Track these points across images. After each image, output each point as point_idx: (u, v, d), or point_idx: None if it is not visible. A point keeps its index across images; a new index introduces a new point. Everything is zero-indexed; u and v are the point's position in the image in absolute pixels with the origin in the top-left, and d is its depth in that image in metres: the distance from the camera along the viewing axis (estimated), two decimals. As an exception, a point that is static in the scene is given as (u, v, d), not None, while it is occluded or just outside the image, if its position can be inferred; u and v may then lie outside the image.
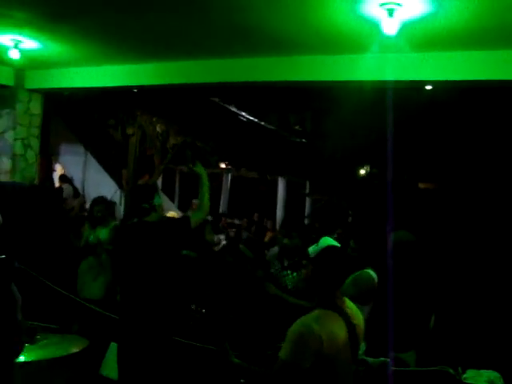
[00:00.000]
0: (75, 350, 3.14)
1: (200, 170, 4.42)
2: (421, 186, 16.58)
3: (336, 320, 2.62)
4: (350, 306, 2.79)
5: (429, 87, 6.46)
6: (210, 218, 9.95)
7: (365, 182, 16.44)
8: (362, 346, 3.38)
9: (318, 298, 2.70)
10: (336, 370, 2.56)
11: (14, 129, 8.06)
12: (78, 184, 11.75)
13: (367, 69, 5.74)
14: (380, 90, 7.05)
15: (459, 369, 3.71)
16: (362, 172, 17.20)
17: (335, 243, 2.79)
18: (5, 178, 7.98)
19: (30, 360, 2.75)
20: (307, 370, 2.47)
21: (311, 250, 2.79)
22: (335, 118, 11.38)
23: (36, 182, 8.56)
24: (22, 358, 2.61)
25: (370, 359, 2.85)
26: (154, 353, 4.07)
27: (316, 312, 2.63)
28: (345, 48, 5.67)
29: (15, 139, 8.07)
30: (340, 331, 2.59)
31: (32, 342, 2.91)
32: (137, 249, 4.19)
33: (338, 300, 2.71)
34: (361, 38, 5.28)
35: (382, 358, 2.78)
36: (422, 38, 5.09)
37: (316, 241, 2.81)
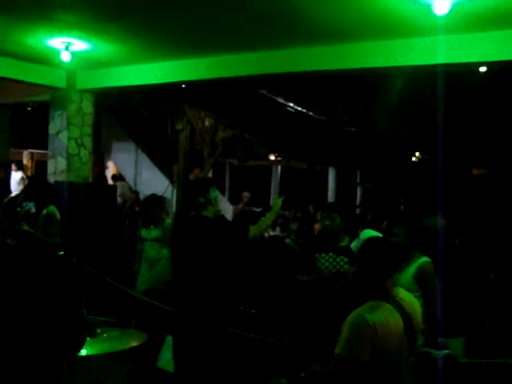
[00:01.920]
0: (134, 344, 3.18)
1: (277, 202, 4.47)
2: (475, 172, 16.15)
3: (389, 310, 2.57)
4: (404, 295, 2.73)
5: (483, 69, 6.25)
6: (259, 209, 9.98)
7: (417, 169, 16.13)
8: (421, 339, 3.32)
9: (369, 290, 2.66)
10: (392, 360, 2.51)
11: (67, 129, 8.27)
12: (130, 181, 11.97)
13: (418, 53, 5.59)
14: (431, 75, 6.87)
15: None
16: (414, 159, 16.86)
17: (377, 234, 2.75)
18: (60, 178, 8.20)
19: (90, 354, 2.81)
20: (365, 364, 2.43)
21: (353, 245, 2.76)
22: (384, 106, 11.19)
23: (90, 180, 8.77)
24: (83, 352, 2.69)
25: (434, 351, 2.78)
26: (209, 345, 4.10)
27: (368, 304, 2.59)
28: (395, 33, 5.53)
29: (69, 139, 8.28)
30: (394, 321, 2.54)
31: (92, 336, 2.97)
32: (194, 243, 4.23)
33: (390, 290, 2.67)
34: (411, 21, 5.13)
35: (447, 351, 2.71)
36: (475, 17, 4.90)
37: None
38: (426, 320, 3.32)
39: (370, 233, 2.76)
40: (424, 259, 3.93)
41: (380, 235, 2.77)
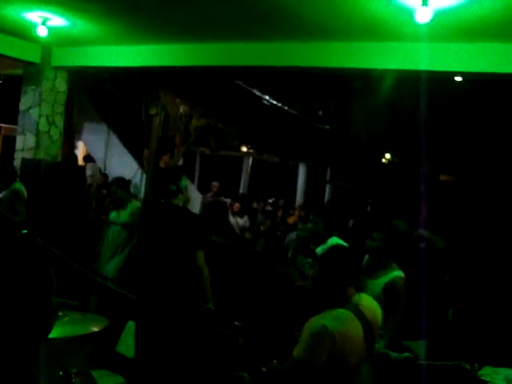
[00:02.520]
0: (96, 329, 3.16)
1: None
2: (442, 177, 16.44)
3: (350, 319, 2.62)
4: (366, 301, 2.78)
5: (458, 78, 6.36)
6: (228, 200, 9.98)
7: (386, 171, 16.34)
8: (381, 342, 3.38)
9: (329, 296, 2.70)
10: (348, 367, 2.57)
11: (39, 105, 8.11)
12: (99, 163, 11.82)
13: (400, 57, 5.66)
14: (405, 79, 6.95)
15: (476, 365, 3.68)
16: (384, 160, 17.07)
17: (342, 242, 2.81)
18: (29, 155, 8.05)
19: (53, 337, 2.78)
20: (320, 368, 2.48)
21: (319, 249, 2.82)
22: (359, 105, 11.28)
23: (59, 159, 8.63)
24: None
25: (393, 354, 2.84)
26: (171, 334, 4.11)
27: (330, 311, 2.63)
28: (377, 35, 5.58)
29: (40, 116, 8.13)
30: (354, 329, 2.60)
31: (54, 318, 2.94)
32: (163, 230, 4.22)
33: (352, 297, 2.71)
34: (394, 26, 5.19)
35: (407, 354, 2.77)
36: (455, 27, 4.99)
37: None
38: (385, 328, 3.39)
39: (335, 240, 2.83)
40: (397, 273, 3.94)
41: (346, 244, 2.84)
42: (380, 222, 4.65)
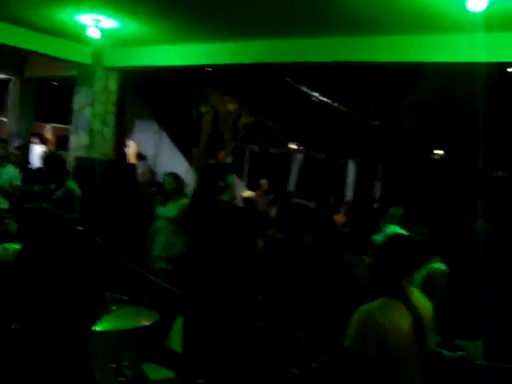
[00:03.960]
0: (146, 322, 3.22)
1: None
2: (495, 174, 15.96)
3: (400, 309, 2.57)
4: (418, 295, 2.72)
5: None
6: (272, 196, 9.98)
7: (439, 167, 15.99)
8: (436, 339, 3.30)
9: (382, 286, 2.65)
10: (398, 359, 2.51)
11: (91, 105, 8.32)
12: (150, 161, 12.01)
13: (454, 49, 5.50)
14: (459, 72, 6.76)
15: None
16: (437, 157, 16.72)
17: (402, 231, 2.73)
18: (81, 153, 8.27)
19: (105, 329, 2.84)
20: (370, 358, 2.44)
21: (377, 238, 2.74)
22: (411, 101, 11.06)
23: (111, 157, 8.82)
24: (98, 327, 2.73)
25: (446, 352, 2.77)
26: (219, 329, 4.13)
27: (380, 300, 2.59)
28: (429, 28, 5.44)
29: (93, 115, 8.33)
30: (403, 320, 2.55)
31: (107, 312, 3.00)
32: (211, 226, 4.25)
33: (404, 289, 2.65)
34: (446, 17, 5.04)
35: (461, 352, 2.70)
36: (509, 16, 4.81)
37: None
38: None
39: (395, 229, 2.74)
40: (436, 266, 3.86)
41: (406, 233, 2.75)
42: (434, 220, 4.55)
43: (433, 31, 5.50)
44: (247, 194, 8.99)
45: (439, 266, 3.87)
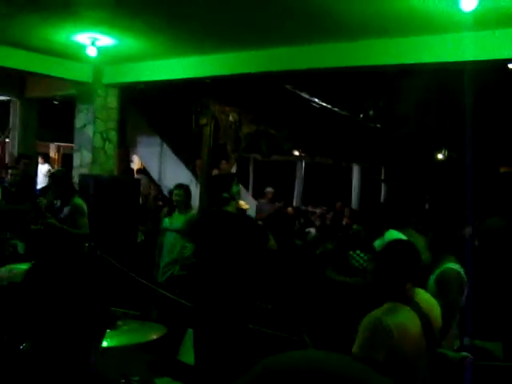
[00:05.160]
0: (154, 336, 3.23)
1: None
2: (502, 169, 15.89)
3: (408, 313, 2.58)
4: (425, 297, 2.73)
5: (511, 65, 6.15)
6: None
7: (443, 167, 15.94)
8: (457, 343, 3.29)
9: (387, 291, 2.65)
10: (409, 363, 2.51)
11: (93, 123, 8.38)
12: (154, 175, 12.06)
13: (445, 49, 5.52)
14: (457, 71, 6.77)
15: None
16: (440, 156, 16.66)
17: (401, 236, 2.74)
18: (86, 171, 8.32)
19: (111, 345, 2.85)
20: (380, 364, 2.44)
21: (377, 243, 2.76)
22: (410, 102, 11.07)
23: (115, 173, 8.87)
24: (104, 344, 2.74)
25: (450, 353, 2.76)
26: (229, 340, 4.13)
27: (386, 305, 2.60)
28: (421, 29, 5.47)
29: (94, 133, 8.40)
30: (412, 324, 2.55)
31: (114, 328, 3.02)
32: (217, 238, 4.27)
33: (409, 292, 2.66)
34: (437, 18, 5.07)
35: (465, 353, 2.69)
36: (502, 13, 4.82)
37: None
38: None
39: (394, 234, 2.76)
40: (449, 265, 3.82)
41: (405, 237, 2.76)
42: (440, 219, 4.51)
43: (426, 32, 5.53)
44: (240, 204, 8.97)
45: (452, 265, 3.82)
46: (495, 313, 4.07)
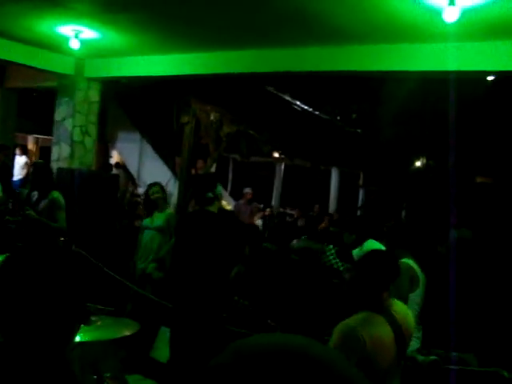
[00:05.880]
0: (127, 332, 3.21)
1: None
2: (478, 179, 16.12)
3: (381, 323, 2.60)
4: (399, 308, 2.75)
5: (491, 78, 6.25)
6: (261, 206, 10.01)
7: (420, 174, 16.11)
8: (413, 344, 3.33)
9: (363, 300, 2.68)
10: (380, 371, 2.55)
11: (73, 116, 8.30)
12: (133, 171, 12.00)
13: (427, 58, 5.61)
14: (437, 81, 6.86)
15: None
16: (418, 164, 16.85)
17: (380, 246, 2.76)
18: (64, 165, 8.24)
19: (85, 340, 2.84)
20: None
21: (355, 253, 2.78)
22: (391, 108, 11.18)
23: (93, 168, 8.80)
24: (77, 339, 2.72)
25: (420, 357, 2.81)
26: (206, 338, 4.14)
27: (361, 315, 2.61)
28: (404, 37, 5.55)
29: (74, 126, 8.32)
30: (385, 334, 2.57)
31: (87, 323, 3.00)
32: (200, 238, 4.27)
33: (385, 302, 2.68)
34: (421, 27, 5.15)
35: (433, 357, 2.73)
36: (484, 25, 4.91)
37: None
38: None
39: (373, 244, 2.78)
40: (403, 260, 3.87)
41: (383, 248, 2.78)
42: (416, 225, 4.59)
43: (408, 41, 5.60)
44: (222, 205, 9.02)
45: (406, 260, 3.87)
46: (466, 323, 4.12)
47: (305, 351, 1.49)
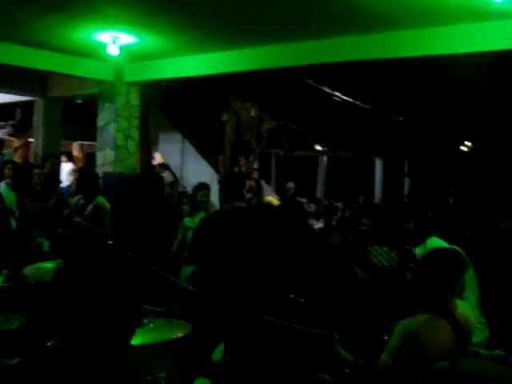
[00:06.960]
0: (180, 334, 3.23)
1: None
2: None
3: (443, 326, 2.49)
4: (462, 309, 2.62)
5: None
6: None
7: (467, 159, 15.71)
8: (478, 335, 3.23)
9: (426, 302, 2.56)
10: None
11: (115, 121, 8.43)
12: (176, 171, 12.10)
13: (474, 39, 5.40)
14: (480, 63, 6.63)
15: None
16: (465, 149, 16.43)
17: (444, 244, 2.64)
18: (109, 169, 8.37)
19: (139, 343, 2.86)
20: (410, 374, 2.38)
21: (418, 251, 2.67)
22: (433, 95, 10.92)
23: (137, 171, 8.91)
24: (132, 341, 2.76)
25: (483, 351, 2.70)
26: (256, 336, 4.12)
27: (423, 317, 2.50)
28: (447, 19, 5.35)
29: (117, 131, 8.44)
30: (446, 337, 2.47)
31: (140, 326, 3.03)
32: (234, 234, 4.28)
33: (448, 304, 2.56)
34: (464, 7, 4.96)
35: (497, 351, 2.62)
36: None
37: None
38: None
39: (436, 242, 2.66)
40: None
41: (446, 245, 2.66)
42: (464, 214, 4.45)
43: (451, 22, 5.41)
44: (269, 200, 8.93)
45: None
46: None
47: None
